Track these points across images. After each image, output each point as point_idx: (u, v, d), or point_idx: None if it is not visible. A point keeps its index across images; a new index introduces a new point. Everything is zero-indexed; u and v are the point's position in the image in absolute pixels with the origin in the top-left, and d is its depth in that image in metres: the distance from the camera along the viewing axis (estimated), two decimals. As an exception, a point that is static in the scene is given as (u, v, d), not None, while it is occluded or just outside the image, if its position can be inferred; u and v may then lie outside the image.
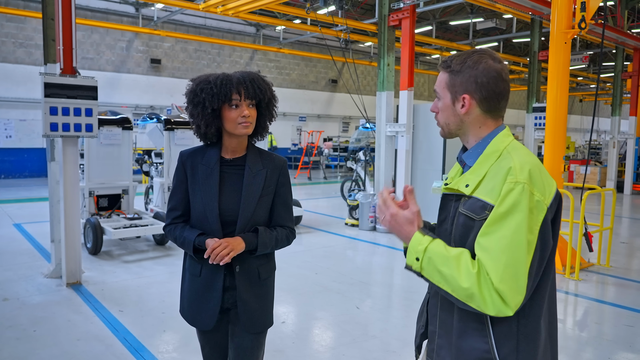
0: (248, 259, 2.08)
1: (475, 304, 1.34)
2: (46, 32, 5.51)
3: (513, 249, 1.32)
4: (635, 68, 15.16)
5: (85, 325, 4.35)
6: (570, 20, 6.42)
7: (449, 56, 1.56)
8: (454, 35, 24.37)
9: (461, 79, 1.49)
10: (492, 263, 1.33)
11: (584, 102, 37.69)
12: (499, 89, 1.49)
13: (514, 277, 1.32)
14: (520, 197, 1.34)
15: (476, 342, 1.44)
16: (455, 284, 1.36)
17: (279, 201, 2.16)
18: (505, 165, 1.41)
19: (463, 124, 1.53)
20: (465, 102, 1.49)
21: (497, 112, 1.53)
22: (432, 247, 1.41)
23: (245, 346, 2.13)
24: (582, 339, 4.38)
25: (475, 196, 1.43)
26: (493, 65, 1.48)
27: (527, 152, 1.47)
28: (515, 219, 1.33)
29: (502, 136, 1.52)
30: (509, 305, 1.32)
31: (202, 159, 2.10)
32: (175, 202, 2.14)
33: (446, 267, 1.37)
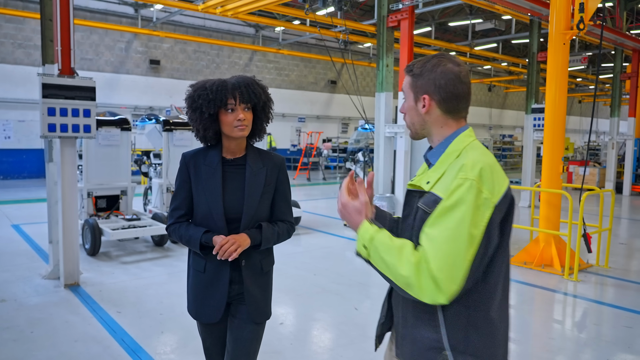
0: (252, 253, 2.17)
1: (413, 291, 1.42)
2: (44, 32, 5.50)
3: (455, 240, 1.39)
4: (634, 69, 15.17)
5: (82, 326, 4.34)
6: (569, 21, 6.42)
7: (413, 61, 1.66)
8: (453, 36, 24.39)
9: (422, 82, 1.59)
10: (433, 252, 1.40)
11: (583, 103, 37.74)
12: (457, 90, 1.56)
13: (451, 267, 1.39)
14: (467, 193, 1.41)
15: (428, 332, 1.52)
16: (395, 272, 1.44)
17: (279, 197, 2.27)
18: (459, 162, 1.49)
19: (426, 123, 1.62)
20: (425, 102, 1.58)
21: (458, 113, 1.60)
22: (377, 236, 1.49)
23: (245, 337, 2.22)
24: (581, 340, 4.38)
25: (432, 191, 1.51)
26: (451, 68, 1.56)
27: (484, 152, 1.55)
28: (460, 212, 1.40)
29: (463, 136, 1.59)
30: (444, 293, 1.39)
31: (204, 160, 2.19)
32: (179, 202, 2.22)
33: (389, 256, 1.46)
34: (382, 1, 8.92)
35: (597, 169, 16.38)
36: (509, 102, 35.94)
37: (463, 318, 1.49)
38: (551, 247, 6.50)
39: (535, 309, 5.26)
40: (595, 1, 6.44)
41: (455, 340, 1.50)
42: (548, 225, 6.57)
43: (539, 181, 7.09)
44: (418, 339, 1.55)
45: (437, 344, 1.51)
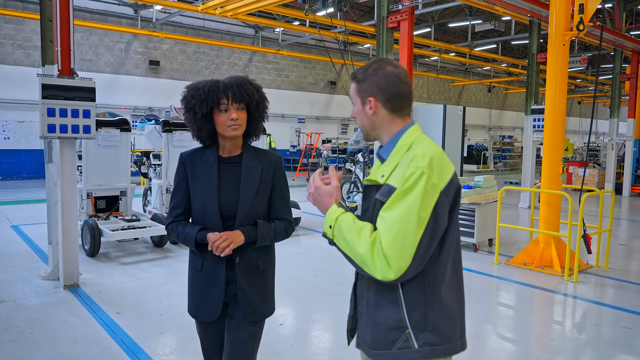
0: (247, 250, 2.18)
1: (368, 268, 1.55)
2: (44, 33, 5.50)
3: (405, 221, 1.53)
4: (634, 70, 15.18)
5: (82, 327, 4.33)
6: (569, 23, 6.42)
7: (357, 69, 1.78)
8: (452, 37, 24.41)
9: (366, 86, 1.71)
10: (385, 231, 1.54)
11: (582, 104, 37.77)
12: (398, 90, 1.69)
13: (401, 245, 1.52)
14: (419, 179, 1.55)
15: (390, 313, 1.63)
16: (354, 250, 1.57)
17: (276, 195, 2.27)
18: (410, 154, 1.62)
19: (375, 124, 1.74)
20: (371, 104, 1.71)
21: (402, 111, 1.72)
22: (342, 217, 1.64)
23: (242, 338, 2.22)
24: (581, 341, 4.37)
25: (387, 183, 1.63)
26: (391, 70, 1.69)
27: (431, 143, 1.69)
28: (412, 197, 1.54)
29: (411, 131, 1.71)
30: (392, 269, 1.52)
31: (201, 159, 2.22)
32: (177, 201, 2.26)
33: (349, 235, 1.59)
34: (382, 2, 8.92)
35: (596, 170, 16.39)
36: (509, 103, 35.95)
37: (421, 296, 1.62)
38: (551, 248, 6.49)
39: (535, 310, 5.25)
40: (595, 2, 6.44)
41: (415, 318, 1.62)
42: (548, 226, 6.56)
43: (539, 182, 7.09)
44: (381, 320, 1.65)
45: (399, 323, 1.63)
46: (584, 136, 36.09)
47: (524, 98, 34.13)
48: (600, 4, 6.71)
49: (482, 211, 7.23)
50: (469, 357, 3.84)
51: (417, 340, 1.61)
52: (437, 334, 1.63)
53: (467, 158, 23.61)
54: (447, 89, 30.99)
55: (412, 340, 1.61)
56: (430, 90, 29.91)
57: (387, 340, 1.63)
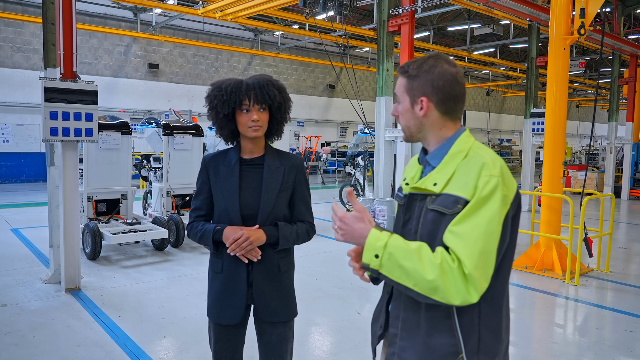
0: (269, 252, 2.18)
1: (439, 295, 1.36)
2: (46, 36, 5.50)
3: (487, 237, 1.37)
4: (632, 74, 15.24)
5: (84, 331, 4.32)
6: (569, 27, 6.45)
7: (407, 62, 1.60)
8: (451, 41, 24.49)
9: (418, 83, 1.54)
10: (467, 250, 1.35)
11: (581, 108, 37.88)
12: (454, 91, 1.54)
13: (485, 264, 1.37)
14: (496, 189, 1.41)
15: (445, 338, 1.47)
16: (418, 277, 1.37)
17: (298, 197, 2.28)
18: (477, 161, 1.46)
19: (423, 126, 1.58)
20: (423, 105, 1.55)
21: (455, 114, 1.58)
22: (392, 242, 1.42)
23: (274, 341, 2.25)
24: (583, 344, 4.38)
25: (447, 192, 1.46)
26: (448, 69, 1.53)
27: (493, 151, 1.53)
28: (491, 209, 1.39)
29: (465, 137, 1.56)
30: (477, 289, 1.35)
31: (223, 161, 2.24)
32: (199, 203, 2.27)
33: (408, 261, 1.38)
34: (382, 6, 8.95)
35: (595, 173, 16.43)
36: (507, 107, 36.05)
37: (476, 319, 1.48)
38: (552, 251, 6.51)
39: (537, 313, 5.26)
40: (596, 6, 6.48)
41: (471, 342, 1.48)
42: (549, 229, 6.58)
43: (539, 185, 7.10)
44: (435, 347, 1.49)
45: (454, 348, 1.47)
46: (582, 140, 36.18)
47: (522, 101, 34.28)
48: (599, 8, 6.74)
49: (482, 214, 7.23)
50: None
51: None
52: (488, 355, 1.50)
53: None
54: (445, 93, 31.00)
55: None
56: (428, 93, 29.91)
57: None
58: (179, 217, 7.36)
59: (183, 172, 7.99)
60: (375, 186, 9.22)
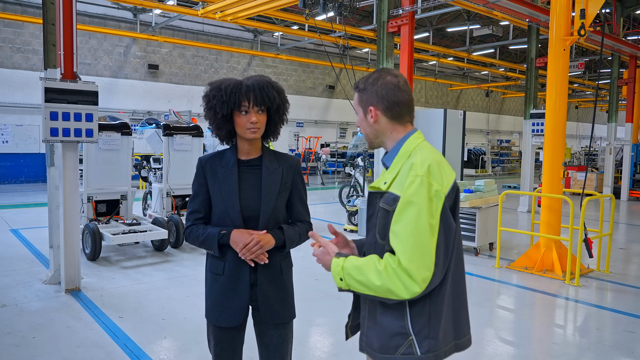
0: (272, 254, 2.19)
1: (394, 294, 1.56)
2: (47, 37, 5.49)
3: (417, 232, 1.55)
4: (631, 75, 15.27)
5: (84, 331, 4.32)
6: (569, 28, 6.46)
7: (358, 80, 1.82)
8: (450, 42, 24.51)
9: (367, 95, 1.76)
10: (401, 246, 1.55)
11: (580, 109, 37.92)
12: (397, 98, 1.72)
13: (420, 256, 1.54)
14: (419, 188, 1.57)
15: (395, 320, 1.66)
16: (372, 286, 1.59)
17: (296, 198, 2.30)
18: (410, 162, 1.65)
19: (377, 132, 1.78)
20: (372, 113, 1.75)
21: (402, 118, 1.76)
22: (346, 264, 1.66)
23: (275, 342, 2.26)
24: (583, 344, 4.38)
25: (390, 191, 1.66)
26: (391, 80, 1.73)
27: (431, 150, 1.72)
28: (416, 206, 1.56)
29: (412, 139, 1.75)
30: (416, 280, 1.53)
31: (220, 162, 2.22)
32: (197, 205, 2.25)
33: (360, 275, 1.61)
34: (382, 7, 8.96)
35: (594, 174, 16.45)
36: (506, 108, 36.08)
37: (426, 305, 1.64)
38: (552, 252, 6.51)
39: (537, 314, 5.26)
40: (596, 7, 6.48)
41: (419, 325, 1.64)
42: (549, 230, 6.58)
43: (538, 186, 7.11)
44: (385, 326, 1.68)
45: (403, 330, 1.65)
46: (582, 140, 36.21)
47: (521, 102, 34.32)
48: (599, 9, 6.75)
49: (482, 215, 7.25)
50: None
51: (421, 347, 1.64)
52: (436, 339, 1.66)
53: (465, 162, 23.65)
54: (445, 93, 31.08)
55: (415, 347, 1.64)
56: (428, 94, 29.99)
57: (391, 345, 1.66)
58: (179, 217, 7.36)
59: (183, 173, 7.99)
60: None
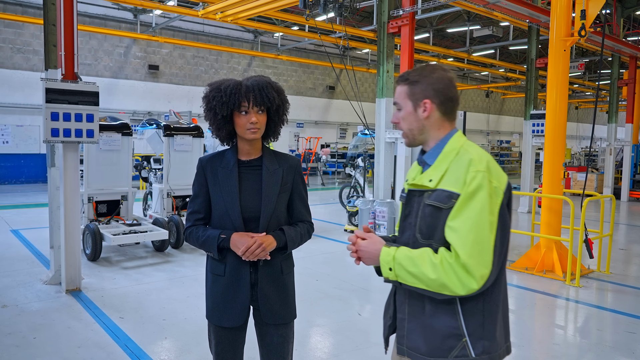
0: (273, 255, 2.17)
1: (448, 290, 1.53)
2: (47, 37, 5.50)
3: (478, 228, 1.52)
4: (631, 75, 15.27)
5: (85, 332, 4.32)
6: (570, 28, 6.46)
7: (405, 71, 1.77)
8: (450, 43, 24.50)
9: (420, 88, 1.70)
10: (460, 241, 1.52)
11: (580, 109, 37.91)
12: (451, 94, 1.71)
13: (480, 252, 1.51)
14: (482, 183, 1.55)
15: (447, 320, 1.61)
16: (425, 279, 1.55)
17: (297, 198, 2.29)
18: (465, 158, 1.61)
19: (424, 128, 1.72)
20: (426, 107, 1.70)
21: (452, 115, 1.74)
22: (398, 254, 1.62)
23: (275, 342, 2.26)
24: (584, 345, 4.38)
25: (441, 188, 1.61)
26: (445, 74, 1.71)
27: (481, 149, 1.69)
28: (479, 202, 1.53)
29: (457, 137, 1.72)
30: (474, 277, 1.50)
31: (220, 163, 2.22)
32: (197, 206, 2.25)
33: (413, 267, 1.57)
34: (383, 7, 8.96)
35: (595, 174, 16.45)
36: (506, 108, 36.08)
37: (479, 304, 1.60)
38: (552, 252, 6.51)
39: (537, 315, 5.26)
40: (596, 8, 6.49)
41: (472, 326, 1.60)
42: (549, 230, 6.58)
43: (539, 187, 7.11)
44: (437, 328, 1.62)
45: (456, 331, 1.60)
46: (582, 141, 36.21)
47: (521, 103, 34.31)
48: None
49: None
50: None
51: (475, 348, 1.59)
52: (492, 341, 1.62)
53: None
54: (445, 94, 31.02)
55: (469, 348, 1.59)
56: (428, 95, 29.93)
57: (443, 348, 1.61)
58: (179, 218, 7.36)
59: (183, 173, 7.99)
60: (375, 187, 9.22)
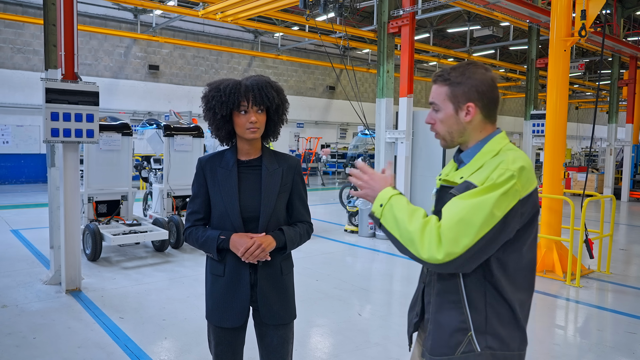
0: (273, 256, 2.17)
1: (414, 247, 1.49)
2: (47, 37, 5.49)
3: (474, 210, 1.46)
4: (631, 76, 15.27)
5: (85, 332, 4.32)
6: (570, 29, 6.46)
7: (444, 70, 1.68)
8: (450, 43, 24.50)
9: (463, 90, 1.62)
10: (449, 214, 1.48)
11: (580, 110, 37.90)
12: (494, 95, 1.65)
13: (461, 230, 1.45)
14: (507, 181, 1.49)
15: (454, 314, 1.59)
16: (402, 227, 1.51)
17: (296, 198, 2.28)
18: (499, 159, 1.56)
19: (465, 131, 1.66)
20: (469, 110, 1.62)
21: (494, 117, 1.68)
22: (396, 197, 1.58)
23: (275, 343, 2.24)
24: (584, 345, 4.38)
25: (466, 180, 1.57)
26: (487, 74, 1.63)
27: (522, 153, 1.62)
28: (491, 193, 1.48)
29: (498, 138, 1.66)
30: (443, 249, 1.45)
31: (220, 163, 2.21)
32: (197, 206, 2.24)
33: (400, 213, 1.53)
34: (383, 7, 8.96)
35: (595, 175, 16.45)
36: (507, 108, 36.08)
37: (482, 300, 1.58)
38: (553, 252, 6.51)
39: (538, 315, 5.25)
40: (596, 8, 6.49)
41: (478, 320, 1.57)
42: (549, 231, 6.58)
43: (539, 187, 7.10)
44: (443, 322, 1.60)
45: (463, 325, 1.58)
46: (582, 141, 36.20)
47: (521, 103, 34.33)
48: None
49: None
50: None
51: (479, 343, 1.56)
52: (496, 338, 1.58)
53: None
54: (445, 94, 31.06)
55: (475, 343, 1.56)
56: (428, 95, 29.85)
57: (450, 344, 1.58)
58: (179, 218, 7.36)
59: (183, 174, 7.98)
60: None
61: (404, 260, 7.11)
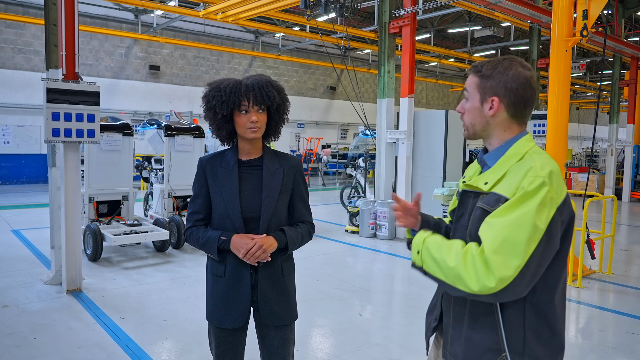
0: (274, 256, 2.15)
1: (462, 283, 1.39)
2: (48, 37, 5.50)
3: (516, 226, 1.36)
4: (633, 76, 15.25)
5: (86, 332, 4.31)
6: (571, 29, 6.44)
7: (480, 61, 1.63)
8: (451, 43, 24.50)
9: (491, 83, 1.56)
10: (491, 235, 1.38)
11: (581, 110, 37.88)
12: (526, 95, 1.55)
13: (508, 252, 1.35)
14: (538, 189, 1.40)
15: (487, 333, 1.50)
16: (444, 266, 1.43)
17: (298, 198, 2.27)
18: (526, 165, 1.48)
19: (488, 125, 1.60)
20: (493, 105, 1.57)
21: (523, 118, 1.60)
22: (430, 238, 1.53)
23: (276, 344, 2.23)
24: (586, 346, 4.37)
25: (493, 191, 1.49)
26: (523, 72, 1.55)
27: (549, 157, 1.54)
28: (528, 204, 1.38)
29: (524, 141, 1.58)
30: (494, 274, 1.34)
31: (220, 163, 2.20)
32: (197, 206, 2.23)
33: (438, 252, 1.47)
34: (384, 8, 8.95)
35: (596, 175, 16.43)
36: (507, 109, 36.02)
37: (521, 320, 1.48)
38: (554, 253, 6.48)
39: (539, 316, 5.25)
40: (598, 8, 6.48)
41: (515, 343, 1.48)
42: (550, 231, 6.55)
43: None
44: (475, 340, 1.53)
45: (496, 346, 1.49)
46: (583, 142, 36.17)
47: (522, 104, 34.24)
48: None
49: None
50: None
51: None
52: (534, 358, 1.50)
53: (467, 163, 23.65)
54: (446, 95, 31.07)
55: None
56: (429, 95, 29.98)
57: None
58: (180, 218, 7.36)
59: (184, 174, 7.98)
60: (376, 188, 9.21)
61: (404, 261, 7.11)
